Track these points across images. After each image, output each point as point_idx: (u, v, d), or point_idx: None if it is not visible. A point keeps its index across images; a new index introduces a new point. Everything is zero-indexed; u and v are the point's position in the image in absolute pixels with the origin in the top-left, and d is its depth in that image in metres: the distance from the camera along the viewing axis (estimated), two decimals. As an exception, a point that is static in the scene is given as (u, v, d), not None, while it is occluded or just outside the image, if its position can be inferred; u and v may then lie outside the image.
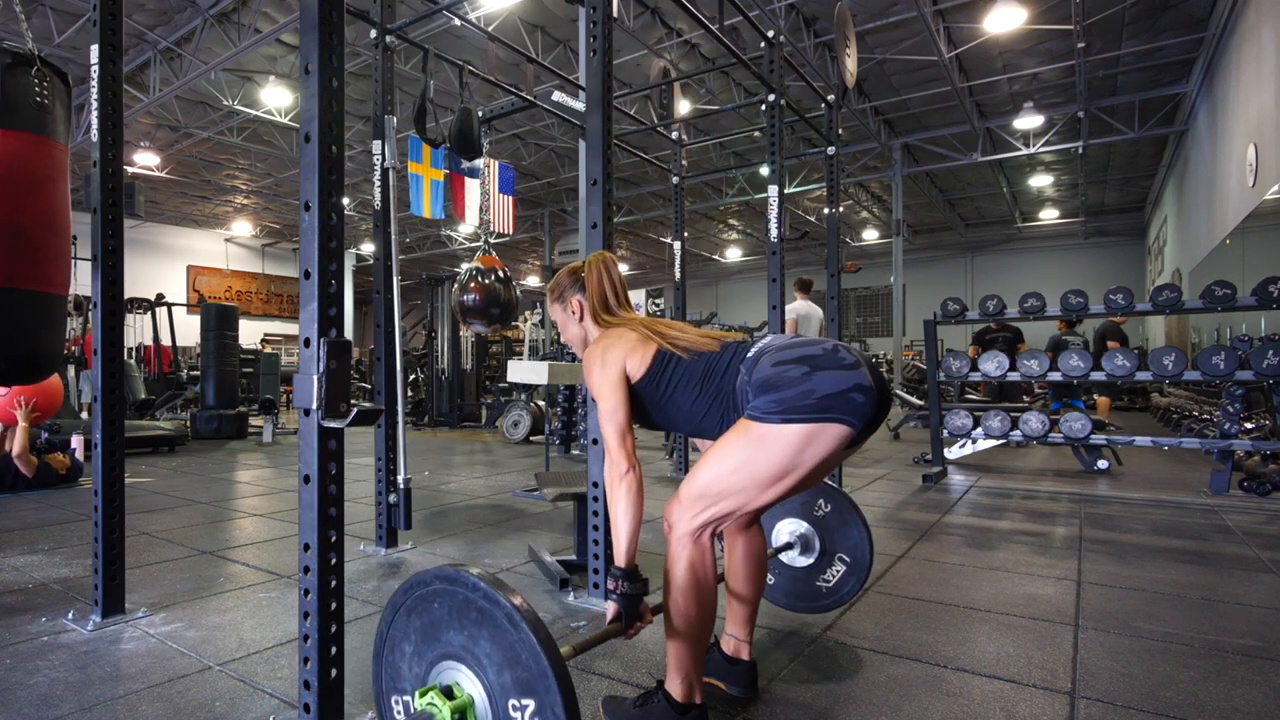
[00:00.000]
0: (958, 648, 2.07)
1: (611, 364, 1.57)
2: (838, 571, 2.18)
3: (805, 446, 1.38)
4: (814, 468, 1.41)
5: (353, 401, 1.51)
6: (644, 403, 1.61)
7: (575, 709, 1.08)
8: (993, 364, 5.19)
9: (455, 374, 10.41)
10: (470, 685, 1.21)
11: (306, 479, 1.48)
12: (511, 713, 1.15)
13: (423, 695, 1.24)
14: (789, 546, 2.23)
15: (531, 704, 1.12)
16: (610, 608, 1.47)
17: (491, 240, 4.48)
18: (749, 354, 1.53)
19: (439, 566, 1.27)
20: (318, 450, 1.45)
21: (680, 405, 1.58)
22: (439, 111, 9.29)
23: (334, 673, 1.50)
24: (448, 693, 1.22)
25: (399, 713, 1.35)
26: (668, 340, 1.60)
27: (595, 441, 2.48)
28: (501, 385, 10.52)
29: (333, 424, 1.46)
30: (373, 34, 3.27)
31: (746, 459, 1.42)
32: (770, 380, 1.42)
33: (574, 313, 1.77)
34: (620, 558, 1.47)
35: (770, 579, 2.20)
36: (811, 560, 2.20)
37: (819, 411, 1.36)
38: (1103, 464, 5.70)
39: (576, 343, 1.80)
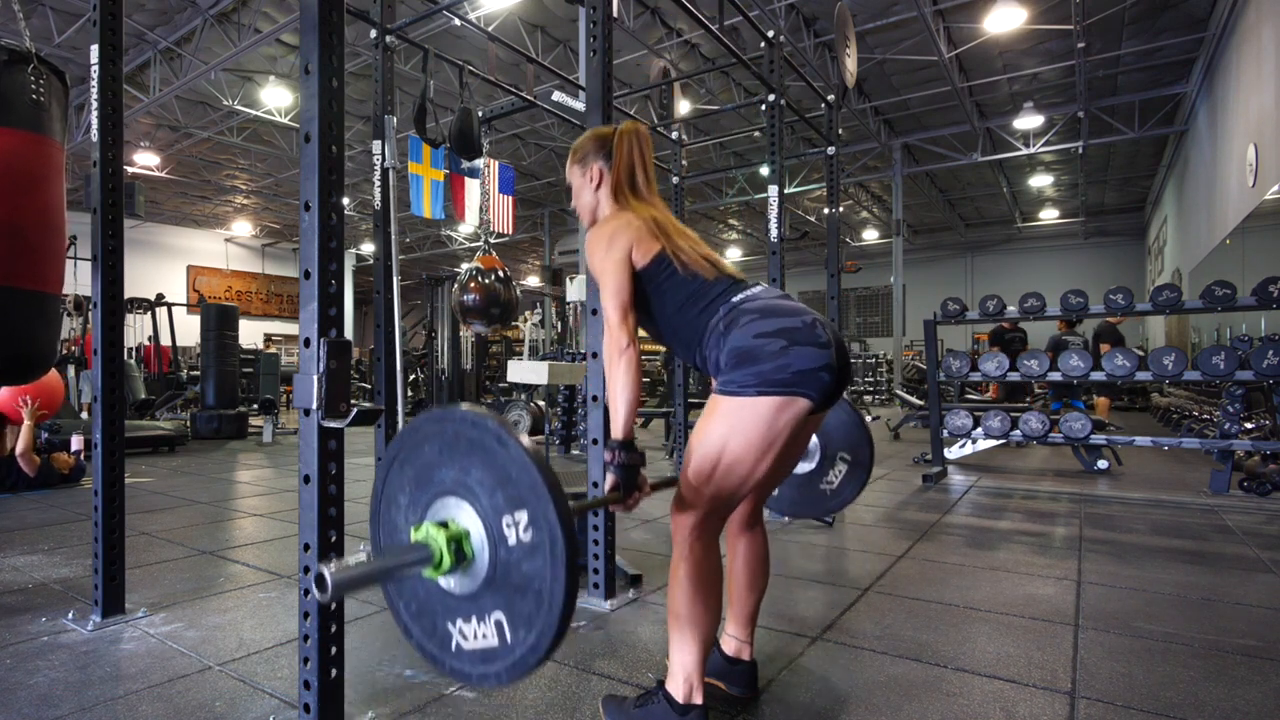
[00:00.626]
0: (958, 648, 2.07)
1: (618, 247, 1.55)
2: (840, 472, 2.18)
3: (778, 415, 1.42)
4: (789, 438, 1.45)
5: (353, 401, 1.51)
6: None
7: (567, 511, 1.10)
8: (992, 364, 5.19)
9: (455, 374, 10.39)
10: (466, 517, 1.22)
11: (306, 479, 1.48)
12: (505, 530, 1.17)
13: (417, 531, 1.24)
14: None
15: (524, 515, 1.14)
16: (609, 478, 1.47)
17: (491, 240, 4.48)
18: (733, 299, 1.53)
19: (427, 410, 1.28)
20: (318, 450, 1.46)
21: (663, 312, 1.59)
22: (439, 111, 9.28)
23: (334, 673, 1.50)
24: (443, 526, 1.24)
25: None
26: (673, 248, 1.59)
27: (595, 441, 2.48)
28: (501, 385, 10.52)
29: (333, 424, 1.46)
30: (373, 34, 3.27)
31: (728, 433, 1.44)
32: (750, 352, 1.43)
33: (591, 179, 1.71)
34: (617, 430, 1.47)
35: (765, 506, 2.21)
36: (813, 465, 2.21)
37: (791, 385, 1.41)
38: (1103, 464, 5.70)
39: (585, 212, 1.75)
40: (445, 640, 1.27)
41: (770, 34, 4.08)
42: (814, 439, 2.20)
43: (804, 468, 2.21)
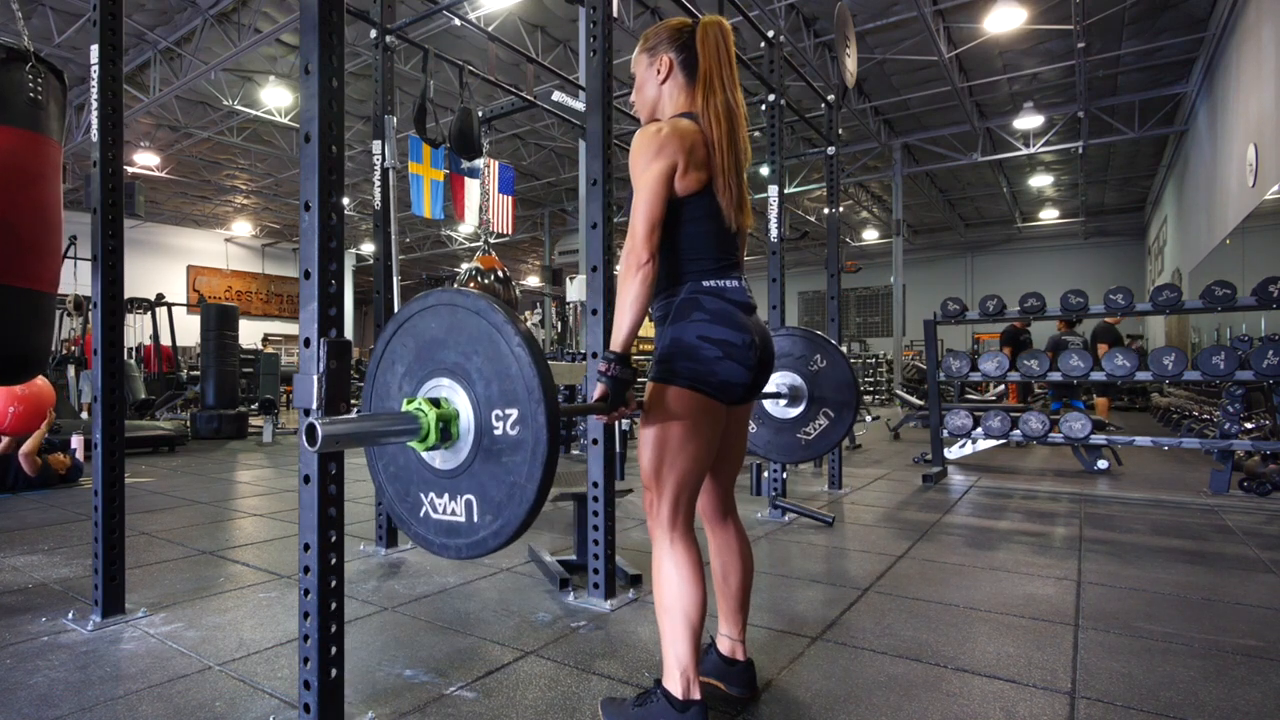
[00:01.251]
0: (958, 648, 2.07)
1: (664, 158, 1.46)
2: (819, 425, 2.20)
3: (701, 407, 1.52)
4: (713, 425, 1.55)
5: (353, 401, 1.51)
6: None
7: (555, 416, 1.14)
8: (992, 364, 5.20)
9: (455, 374, 10.39)
10: (459, 400, 1.26)
11: (306, 479, 1.48)
12: (494, 421, 1.22)
13: (410, 403, 1.28)
14: (778, 396, 2.24)
15: (515, 412, 1.19)
16: (598, 388, 1.48)
17: (491, 240, 4.48)
18: (704, 282, 1.55)
19: (440, 288, 1.31)
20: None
21: (669, 238, 1.53)
22: (439, 111, 9.29)
23: (334, 673, 1.50)
24: (435, 403, 1.27)
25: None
26: (717, 186, 1.53)
27: (595, 441, 2.48)
28: (501, 385, 10.50)
29: (333, 424, 1.46)
30: (373, 34, 3.27)
31: (666, 419, 1.51)
32: (689, 350, 1.52)
33: (660, 71, 1.60)
34: (617, 344, 1.48)
35: (753, 426, 2.22)
36: (798, 411, 2.22)
37: (714, 389, 1.52)
38: (1103, 464, 5.70)
39: (645, 108, 1.65)
40: (415, 506, 1.34)
41: (770, 34, 4.08)
42: (802, 385, 2.22)
43: (789, 412, 2.24)
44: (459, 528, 1.28)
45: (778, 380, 2.28)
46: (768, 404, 2.29)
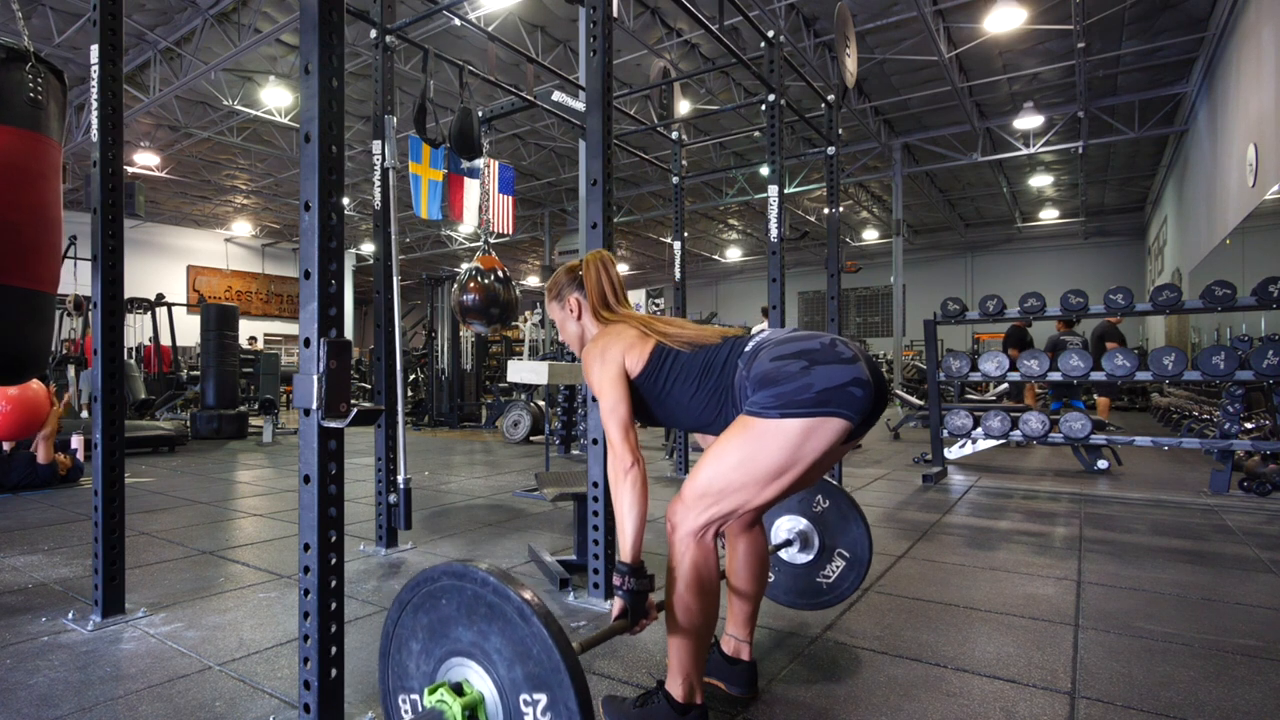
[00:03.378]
0: (958, 648, 2.07)
1: (611, 361, 1.58)
2: (837, 567, 2.18)
3: (805, 440, 1.37)
4: (814, 462, 1.40)
5: (353, 401, 1.51)
6: (643, 398, 1.62)
7: (588, 702, 1.08)
8: (992, 364, 5.20)
9: (455, 374, 10.41)
10: (480, 682, 1.20)
11: (306, 479, 1.48)
12: (523, 708, 1.14)
13: (432, 693, 1.22)
14: (788, 543, 2.23)
15: (544, 698, 1.11)
16: (616, 604, 1.46)
17: (491, 240, 4.47)
18: (746, 348, 1.53)
19: (446, 563, 1.26)
20: (318, 450, 1.45)
21: (679, 400, 1.59)
22: (439, 111, 9.30)
23: (334, 673, 1.50)
24: (458, 689, 1.21)
25: (406, 712, 1.33)
26: (665, 335, 1.61)
27: (595, 441, 2.48)
28: (501, 385, 10.52)
29: (333, 424, 1.46)
30: (373, 34, 3.27)
31: (748, 455, 1.41)
32: (769, 375, 1.41)
33: (572, 310, 1.78)
34: (626, 554, 1.46)
35: (770, 576, 2.21)
36: (811, 556, 2.21)
37: (817, 405, 1.36)
38: (1103, 464, 5.70)
39: (574, 341, 1.81)
40: None
41: (770, 34, 4.08)
42: (810, 528, 2.19)
43: (802, 559, 2.22)
44: None
45: (784, 525, 2.25)
46: (780, 551, 2.26)
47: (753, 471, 1.41)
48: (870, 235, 21.68)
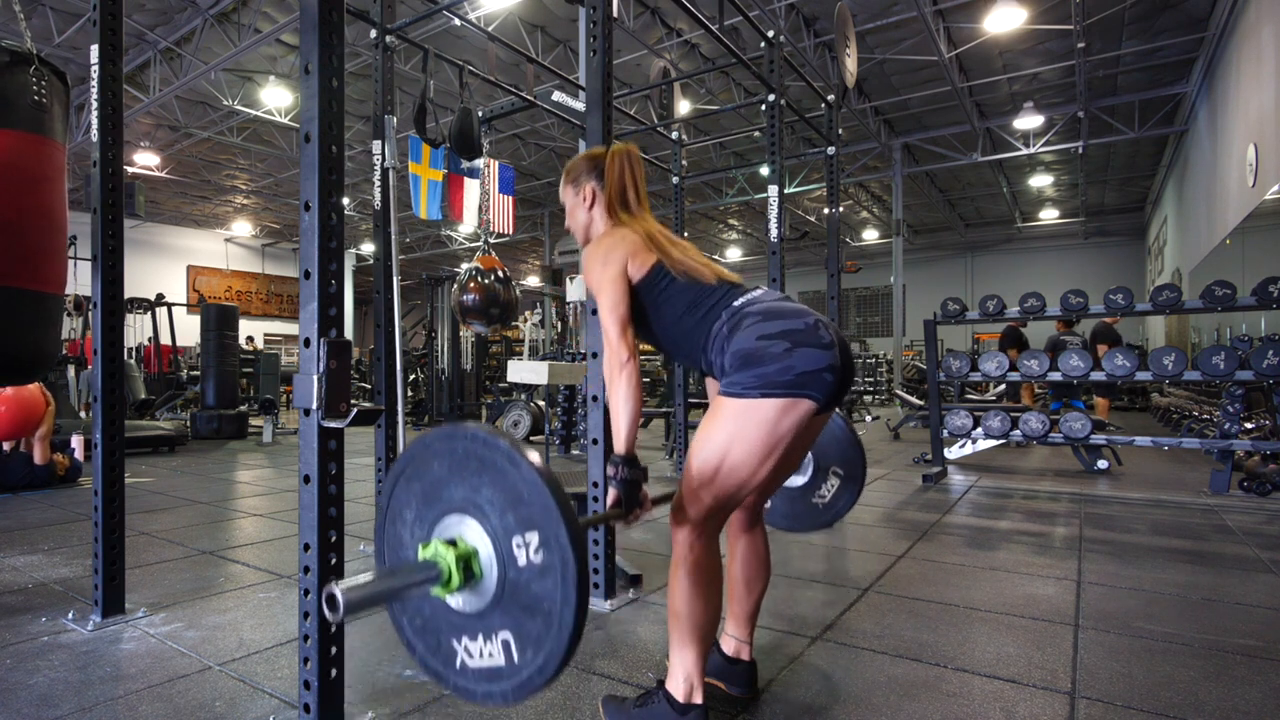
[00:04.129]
0: (958, 648, 2.07)
1: (614, 262, 1.57)
2: (832, 486, 2.18)
3: (782, 418, 1.41)
4: (792, 440, 1.45)
5: (353, 401, 1.51)
6: (636, 307, 1.61)
7: (579, 533, 1.10)
8: (992, 364, 5.20)
9: (455, 374, 10.41)
10: (474, 535, 1.22)
11: (306, 479, 1.48)
12: (515, 550, 1.17)
13: (426, 549, 1.24)
14: None
15: (535, 536, 1.14)
16: (611, 494, 1.49)
17: (491, 240, 4.48)
18: (735, 302, 1.53)
19: (436, 428, 1.27)
20: (318, 450, 1.45)
21: (662, 322, 1.60)
22: (439, 111, 9.29)
23: (334, 673, 1.50)
24: (451, 544, 1.23)
25: None
26: (667, 256, 1.60)
27: (595, 441, 2.48)
28: (501, 385, 10.52)
29: (333, 424, 1.46)
30: (373, 34, 3.27)
31: (731, 436, 1.43)
32: (753, 354, 1.43)
33: (585, 199, 1.74)
34: (620, 445, 1.48)
35: (766, 504, 2.22)
36: (806, 479, 2.20)
37: (795, 387, 1.40)
38: (1103, 464, 5.70)
39: (579, 231, 1.78)
40: (450, 657, 1.26)
41: (770, 34, 4.08)
42: (807, 454, 2.20)
43: (797, 481, 2.22)
44: (500, 671, 1.20)
45: None
46: None
47: (741, 452, 1.43)
48: (870, 235, 21.68)
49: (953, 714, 1.67)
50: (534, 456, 1.15)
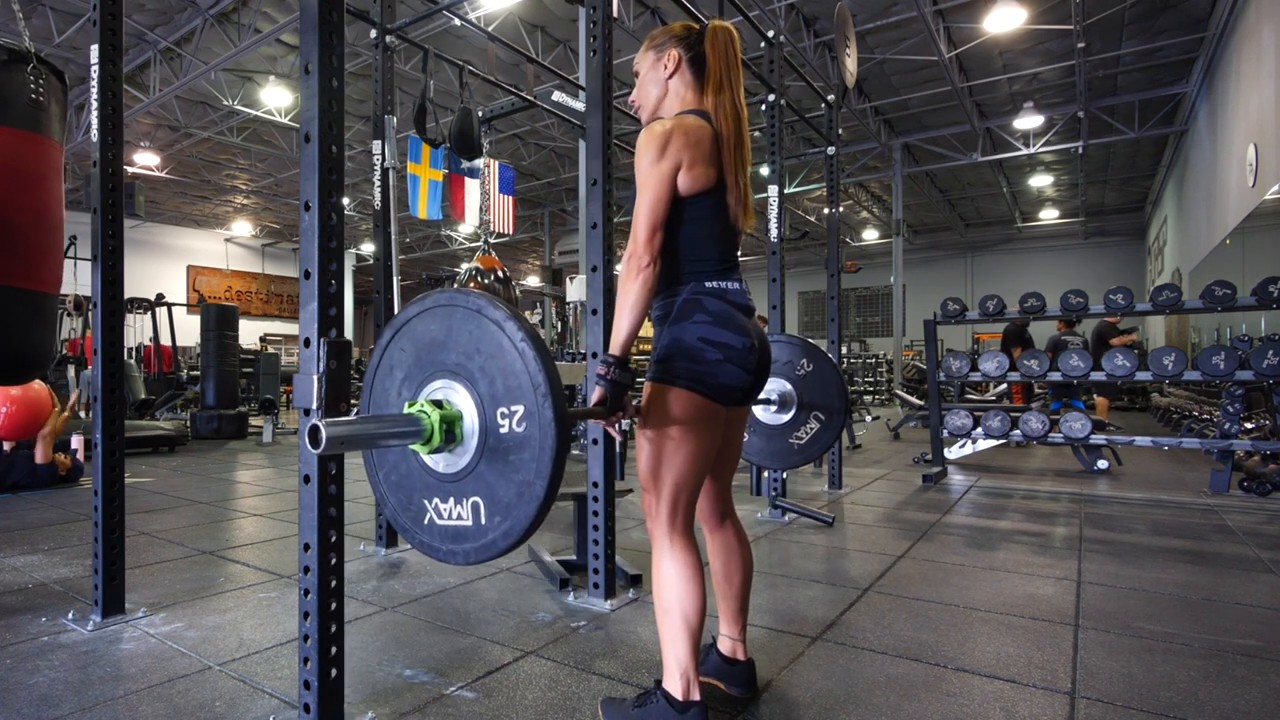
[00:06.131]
0: (958, 648, 2.07)
1: (670, 157, 1.45)
2: (811, 429, 2.20)
3: (701, 408, 1.50)
4: (714, 426, 1.53)
5: (353, 401, 1.51)
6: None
7: (564, 414, 1.12)
8: (992, 364, 5.20)
9: (455, 374, 10.39)
10: (461, 400, 1.24)
11: (306, 479, 1.48)
12: (500, 419, 1.19)
13: (412, 406, 1.25)
14: (768, 401, 2.24)
15: (521, 409, 1.17)
16: (596, 392, 1.48)
17: (491, 240, 4.48)
18: (707, 283, 1.54)
19: (439, 292, 1.29)
20: (318, 450, 1.45)
21: (672, 237, 1.52)
22: (439, 111, 9.29)
23: (334, 673, 1.50)
24: (437, 404, 1.25)
25: None
26: (731, 185, 1.52)
27: (595, 441, 2.48)
28: (501, 385, 10.50)
29: (333, 424, 1.46)
30: (373, 34, 3.27)
31: (665, 419, 1.49)
32: (690, 351, 1.50)
33: (666, 66, 1.58)
34: (616, 348, 1.47)
35: (745, 435, 2.24)
36: (788, 417, 2.22)
37: (714, 391, 1.50)
38: (1103, 464, 5.70)
39: (648, 105, 1.63)
40: (419, 514, 1.30)
41: (770, 34, 4.08)
42: (790, 391, 2.21)
43: (779, 419, 2.23)
44: (466, 532, 1.25)
45: (766, 387, 2.27)
46: (758, 411, 2.29)
47: (676, 434, 1.49)
48: (870, 235, 21.68)
49: (953, 714, 1.67)
50: (530, 331, 1.17)
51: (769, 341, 1.68)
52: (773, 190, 3.97)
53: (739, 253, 1.65)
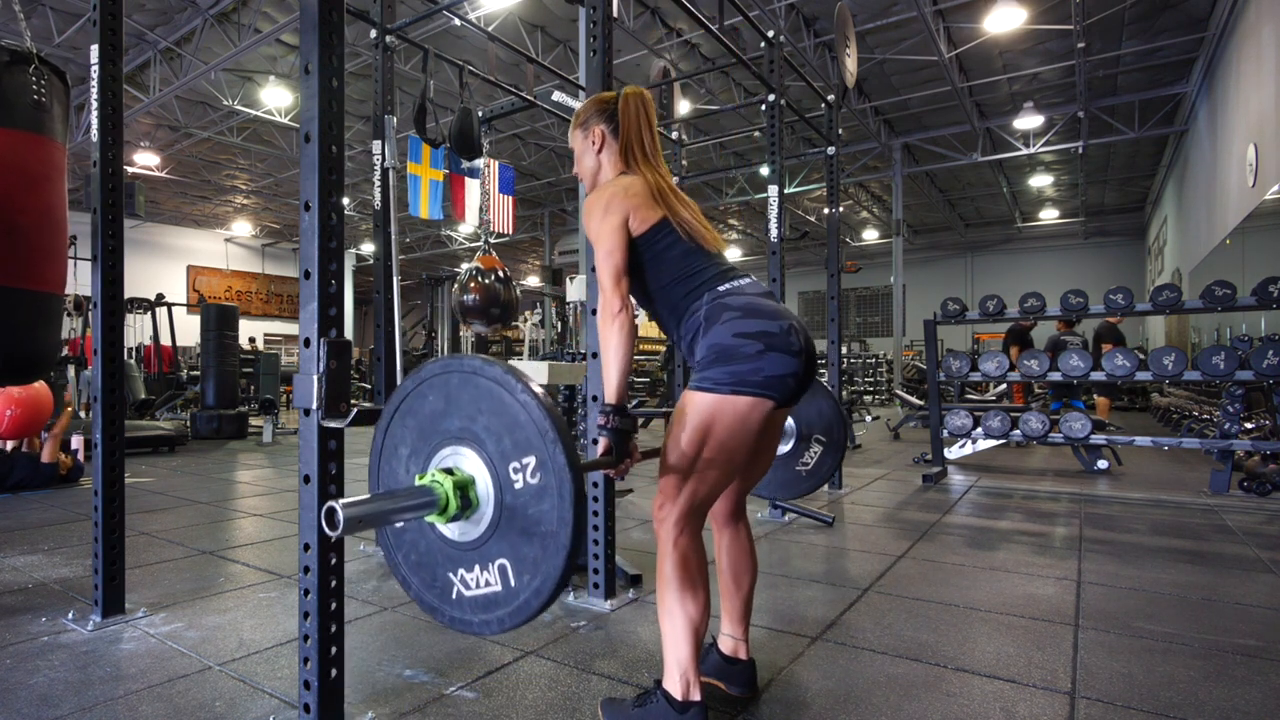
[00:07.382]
0: (958, 648, 2.07)
1: (615, 211, 1.55)
2: (815, 453, 2.20)
3: (750, 413, 1.48)
4: (758, 433, 1.51)
5: (353, 401, 1.51)
6: (632, 260, 1.60)
7: (575, 454, 1.10)
8: (992, 364, 5.20)
9: (455, 374, 10.39)
10: (471, 464, 1.22)
11: (306, 479, 1.48)
12: (513, 475, 1.18)
13: (422, 478, 1.24)
14: None
15: (532, 459, 1.15)
16: (601, 443, 1.49)
17: (491, 240, 4.48)
18: (720, 286, 1.55)
19: (429, 364, 1.28)
20: (318, 450, 1.45)
21: (655, 283, 1.60)
22: (439, 111, 9.29)
23: (334, 673, 1.50)
24: (448, 473, 1.24)
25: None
26: (674, 215, 1.59)
27: (595, 441, 2.48)
28: (501, 385, 10.50)
29: (333, 424, 1.46)
30: (373, 34, 3.27)
31: (703, 429, 1.47)
32: (728, 351, 1.48)
33: (594, 142, 1.71)
34: (610, 395, 1.48)
35: (746, 497, 2.25)
36: (790, 446, 2.22)
37: (762, 388, 1.47)
38: (1103, 464, 5.70)
39: (587, 176, 1.75)
40: (446, 589, 1.28)
41: (770, 34, 4.08)
42: (790, 423, 2.22)
43: (781, 449, 2.23)
44: (497, 598, 1.21)
45: None
46: None
47: (714, 444, 1.47)
48: (870, 235, 21.68)
49: (953, 714, 1.67)
50: (529, 382, 1.16)
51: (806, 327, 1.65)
52: (773, 190, 3.97)
53: (728, 261, 1.66)
